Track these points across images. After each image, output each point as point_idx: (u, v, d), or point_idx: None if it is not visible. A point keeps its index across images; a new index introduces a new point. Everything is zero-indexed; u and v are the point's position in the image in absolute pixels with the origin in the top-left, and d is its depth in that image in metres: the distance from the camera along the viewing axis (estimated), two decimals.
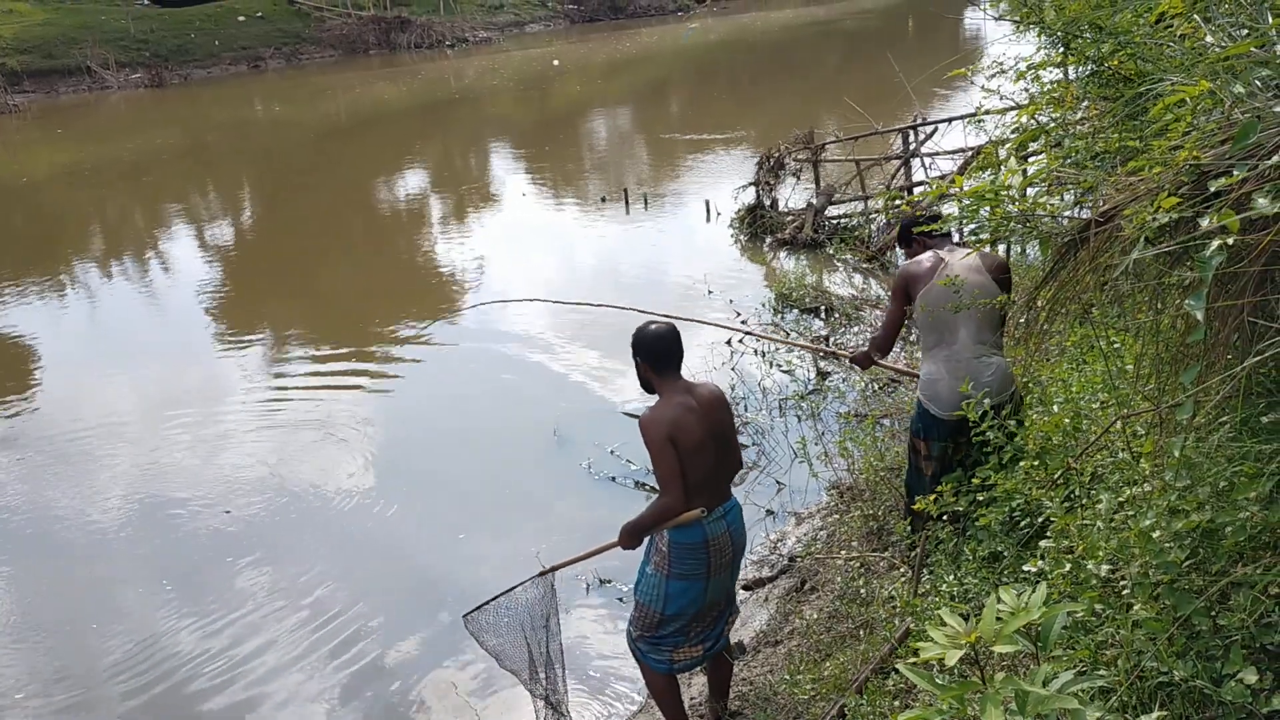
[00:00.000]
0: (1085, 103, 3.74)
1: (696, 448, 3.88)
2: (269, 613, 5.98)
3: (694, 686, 4.86)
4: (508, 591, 4.42)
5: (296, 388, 9.40)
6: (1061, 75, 4.37)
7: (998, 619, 1.76)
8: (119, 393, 9.68)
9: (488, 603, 4.43)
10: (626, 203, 14.99)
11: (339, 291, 13.04)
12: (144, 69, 35.38)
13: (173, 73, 35.60)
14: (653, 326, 4.06)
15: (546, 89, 31.10)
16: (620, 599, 5.67)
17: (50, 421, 9.09)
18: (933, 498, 3.45)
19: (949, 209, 10.87)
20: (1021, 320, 3.85)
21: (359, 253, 15.09)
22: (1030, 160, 4.97)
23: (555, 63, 35.98)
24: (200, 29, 38.12)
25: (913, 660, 2.03)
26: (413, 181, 20.46)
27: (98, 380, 10.10)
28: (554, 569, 4.46)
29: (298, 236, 16.34)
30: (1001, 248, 6.79)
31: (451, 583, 6.09)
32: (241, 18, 39.30)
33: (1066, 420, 3.32)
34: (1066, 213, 3.03)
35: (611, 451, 7.39)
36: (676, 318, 4.42)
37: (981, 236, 3.08)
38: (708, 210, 13.78)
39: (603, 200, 15.85)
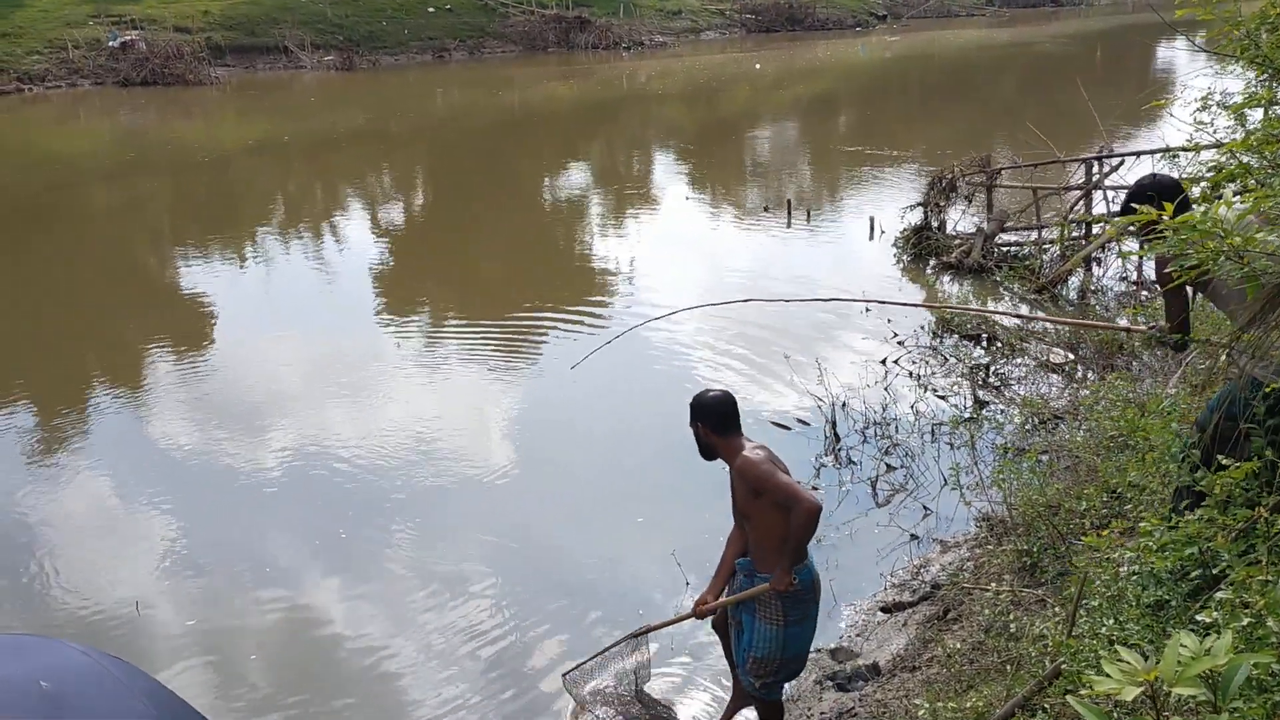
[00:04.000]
0: None
1: None
2: (410, 585, 6.17)
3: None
4: (604, 652, 4.66)
5: (452, 366, 9.72)
6: (1263, 113, 4.14)
7: (1178, 661, 1.70)
8: (285, 354, 10.21)
9: (585, 662, 4.69)
10: (789, 214, 14.91)
11: (498, 277, 13.41)
12: (336, 52, 37.09)
13: (363, 58, 37.19)
14: (710, 393, 4.25)
15: (716, 95, 31.21)
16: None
17: (222, 375, 9.69)
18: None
19: (1131, 245, 10.36)
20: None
21: (520, 242, 15.45)
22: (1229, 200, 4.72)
23: (757, 66, 36.41)
24: (392, 17, 39.72)
25: (1083, 692, 1.97)
26: (576, 177, 20.85)
27: (267, 341, 10.69)
28: (649, 630, 4.61)
29: (463, 222, 16.88)
30: None
31: (586, 580, 6.18)
32: (431, 9, 40.76)
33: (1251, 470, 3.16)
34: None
35: None
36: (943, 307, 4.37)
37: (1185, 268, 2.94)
38: (871, 227, 13.57)
39: (765, 210, 15.81)
